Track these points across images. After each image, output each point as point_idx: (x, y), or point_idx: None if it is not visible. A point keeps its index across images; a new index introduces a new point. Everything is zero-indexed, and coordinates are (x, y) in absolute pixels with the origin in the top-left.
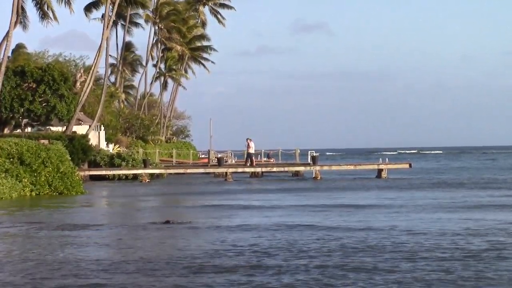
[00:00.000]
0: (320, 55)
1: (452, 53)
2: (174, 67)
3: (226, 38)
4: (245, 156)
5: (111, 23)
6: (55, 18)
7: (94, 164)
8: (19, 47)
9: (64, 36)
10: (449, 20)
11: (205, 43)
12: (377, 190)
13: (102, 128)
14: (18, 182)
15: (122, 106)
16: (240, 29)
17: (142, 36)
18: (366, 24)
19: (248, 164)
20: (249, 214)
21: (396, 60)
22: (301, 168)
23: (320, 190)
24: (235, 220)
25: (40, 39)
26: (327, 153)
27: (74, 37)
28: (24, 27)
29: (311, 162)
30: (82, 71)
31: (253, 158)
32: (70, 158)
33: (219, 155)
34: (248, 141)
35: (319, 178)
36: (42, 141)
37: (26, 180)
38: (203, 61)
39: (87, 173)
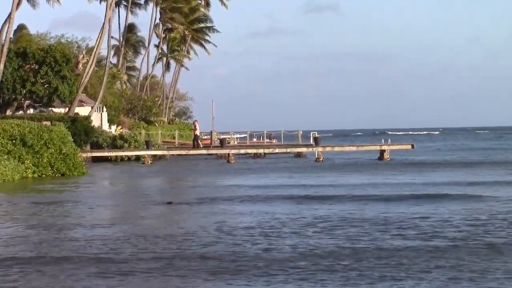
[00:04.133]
0: (328, 36)
1: (458, 35)
2: (176, 48)
3: (237, 19)
4: (192, 138)
5: (113, 4)
6: None
7: (96, 146)
8: (21, 28)
9: (75, 17)
10: (457, 1)
11: (208, 24)
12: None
13: (105, 109)
14: (20, 164)
15: (124, 87)
16: (252, 9)
17: (145, 17)
18: (375, 5)
19: (196, 145)
20: (247, 198)
21: (404, 41)
22: (304, 149)
23: (316, 171)
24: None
25: (51, 20)
26: (329, 134)
27: (85, 18)
28: (33, 6)
29: (314, 143)
30: (84, 52)
31: (199, 140)
32: (72, 140)
33: (222, 137)
34: (195, 123)
35: (321, 159)
36: (45, 122)
37: (28, 162)
38: (205, 43)
39: (90, 154)
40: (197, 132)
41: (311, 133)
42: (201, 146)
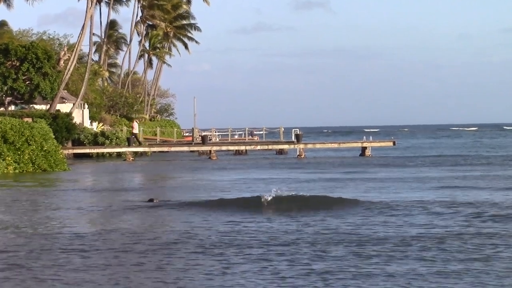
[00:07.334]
0: (316, 33)
1: (449, 32)
2: (158, 45)
3: (223, 15)
4: (131, 135)
5: (94, 0)
6: None
7: (78, 143)
8: (2, 25)
9: (63, 14)
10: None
11: (191, 21)
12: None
13: (86, 106)
14: (1, 161)
15: (106, 84)
16: (239, 5)
17: (127, 14)
18: (365, 2)
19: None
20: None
21: (393, 38)
22: (285, 146)
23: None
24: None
25: (39, 16)
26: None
27: (72, 15)
28: (8, 6)
29: (295, 140)
30: (65, 49)
31: (138, 137)
32: (54, 136)
33: (203, 133)
34: (133, 121)
35: (303, 156)
36: (26, 119)
37: (9, 159)
38: (187, 40)
39: (71, 151)
40: (135, 131)
41: (293, 130)
42: (138, 143)
